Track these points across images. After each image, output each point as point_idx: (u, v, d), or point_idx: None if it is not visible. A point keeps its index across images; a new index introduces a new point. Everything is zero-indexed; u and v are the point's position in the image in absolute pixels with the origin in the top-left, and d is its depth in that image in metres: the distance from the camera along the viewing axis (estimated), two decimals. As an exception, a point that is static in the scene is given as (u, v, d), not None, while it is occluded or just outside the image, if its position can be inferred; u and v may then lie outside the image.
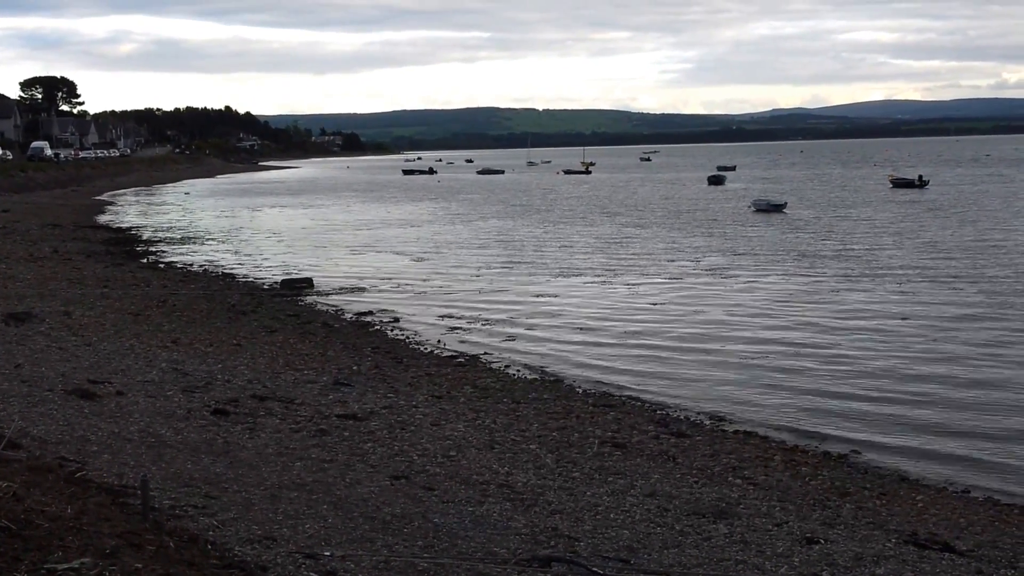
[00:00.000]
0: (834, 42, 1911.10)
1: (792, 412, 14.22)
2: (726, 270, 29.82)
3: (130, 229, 46.57)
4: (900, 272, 28.46)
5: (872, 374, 16.35)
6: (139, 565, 5.42)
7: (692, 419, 13.87)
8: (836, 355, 17.80)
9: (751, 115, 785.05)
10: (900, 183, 75.18)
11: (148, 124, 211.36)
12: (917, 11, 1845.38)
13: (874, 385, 15.64)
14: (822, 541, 8.70)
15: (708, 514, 9.33)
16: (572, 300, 24.79)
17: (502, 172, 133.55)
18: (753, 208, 54.68)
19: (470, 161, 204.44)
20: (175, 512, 7.35)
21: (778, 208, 53.64)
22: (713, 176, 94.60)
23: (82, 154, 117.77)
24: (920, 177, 75.62)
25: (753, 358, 17.70)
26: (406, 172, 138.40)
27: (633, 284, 27.36)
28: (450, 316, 22.23)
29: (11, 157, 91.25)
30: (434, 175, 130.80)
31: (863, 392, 15.24)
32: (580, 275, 29.36)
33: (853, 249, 34.58)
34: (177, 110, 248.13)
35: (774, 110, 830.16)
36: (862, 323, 20.84)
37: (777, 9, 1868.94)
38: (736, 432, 13.20)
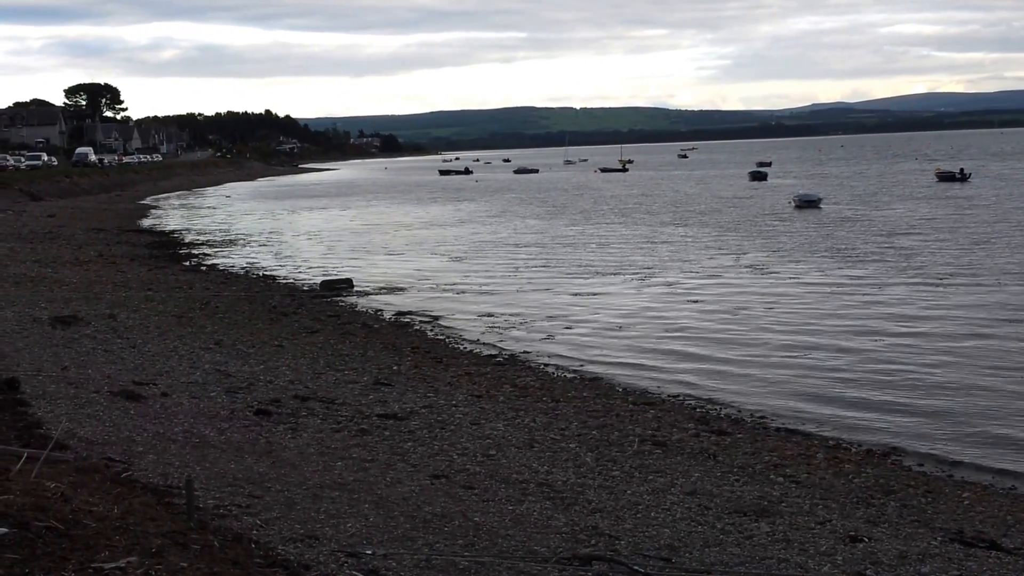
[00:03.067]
0: (875, 35, 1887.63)
1: (834, 409, 14.07)
2: (767, 266, 29.57)
3: (173, 232, 47.11)
4: (942, 267, 28.05)
5: (915, 370, 16.13)
6: (184, 564, 5.48)
7: (733, 417, 13.79)
8: (878, 351, 17.60)
9: (790, 110, 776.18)
10: (945, 176, 74.17)
11: (190, 129, 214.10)
12: (960, 3, 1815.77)
13: (917, 381, 15.44)
14: (866, 539, 8.61)
15: (750, 512, 9.27)
16: (611, 298, 24.72)
17: (537, 171, 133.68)
18: (793, 204, 54.15)
19: (507, 161, 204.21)
20: (219, 511, 7.43)
21: (814, 203, 53.07)
22: (755, 172, 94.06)
23: (125, 159, 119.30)
24: (961, 170, 74.52)
25: (794, 355, 17.54)
26: (443, 172, 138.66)
27: (673, 282, 27.22)
28: (489, 315, 22.27)
29: (56, 163, 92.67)
30: (471, 175, 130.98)
31: (906, 388, 15.05)
32: (619, 273, 29.26)
33: (894, 244, 34.14)
34: (218, 114, 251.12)
35: (814, 105, 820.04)
36: (905, 318, 20.57)
37: (817, 3, 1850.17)
38: (778, 430, 13.10)
